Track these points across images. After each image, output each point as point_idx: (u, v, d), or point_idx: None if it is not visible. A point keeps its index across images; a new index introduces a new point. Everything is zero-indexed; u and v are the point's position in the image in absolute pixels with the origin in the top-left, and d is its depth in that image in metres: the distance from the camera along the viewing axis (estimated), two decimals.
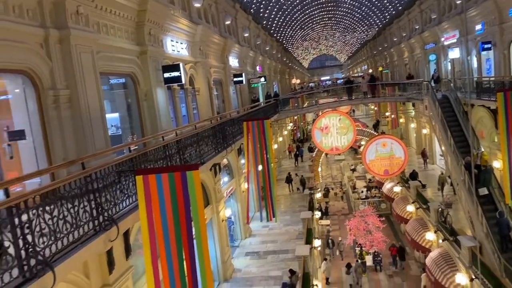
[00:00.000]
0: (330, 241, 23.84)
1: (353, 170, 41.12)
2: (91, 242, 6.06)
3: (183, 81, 15.35)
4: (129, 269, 8.81)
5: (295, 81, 75.93)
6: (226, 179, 20.46)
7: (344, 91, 34.04)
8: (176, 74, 14.62)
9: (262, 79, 33.57)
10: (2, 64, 7.88)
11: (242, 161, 21.69)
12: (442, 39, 31.02)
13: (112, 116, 13.63)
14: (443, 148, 21.41)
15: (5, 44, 7.75)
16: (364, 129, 38.04)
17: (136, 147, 10.98)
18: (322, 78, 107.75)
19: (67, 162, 6.97)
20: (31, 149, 8.86)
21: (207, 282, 7.12)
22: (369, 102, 41.55)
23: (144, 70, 13.55)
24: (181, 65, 14.95)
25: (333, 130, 25.18)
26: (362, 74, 67.63)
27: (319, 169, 36.50)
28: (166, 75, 14.58)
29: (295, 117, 46.16)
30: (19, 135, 8.62)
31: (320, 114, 29.96)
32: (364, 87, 31.42)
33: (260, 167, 14.58)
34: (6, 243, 4.51)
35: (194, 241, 7.13)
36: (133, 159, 7.99)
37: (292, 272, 15.67)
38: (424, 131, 34.07)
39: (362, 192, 33.25)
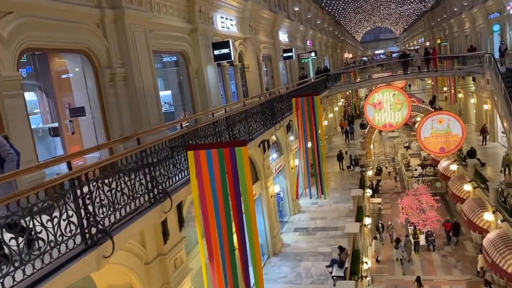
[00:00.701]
0: (380, 224, 23.43)
1: (407, 147, 39.80)
2: (147, 213, 6.39)
3: (233, 58, 15.44)
4: (182, 239, 9.18)
5: (347, 55, 73.80)
6: (275, 155, 20.57)
7: (399, 65, 32.70)
8: (225, 51, 14.72)
9: (313, 54, 32.95)
10: (64, 44, 8.33)
11: (291, 137, 21.66)
12: (508, 7, 28.75)
13: (165, 94, 14.05)
14: (505, 124, 20.14)
15: (65, 25, 8.16)
16: (419, 105, 36.49)
17: (188, 123, 11.28)
18: (376, 52, 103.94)
19: (124, 137, 7.32)
20: (90, 125, 9.38)
21: (256, 254, 7.31)
22: (425, 77, 39.70)
23: (195, 48, 13.75)
24: (230, 41, 15.01)
25: (386, 106, 24.36)
26: (418, 47, 64.48)
27: (371, 146, 35.66)
28: (216, 52, 14.71)
29: (347, 93, 45.11)
30: (79, 111, 9.13)
31: (373, 89, 29.08)
32: (418, 61, 29.98)
33: (309, 144, 14.52)
34: (70, 212, 4.86)
35: (243, 215, 7.31)
36: (185, 135, 8.23)
37: (341, 248, 15.66)
38: (485, 106, 32.15)
39: (416, 170, 32.22)
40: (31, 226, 4.33)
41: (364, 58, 76.65)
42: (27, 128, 7.27)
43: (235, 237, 7.39)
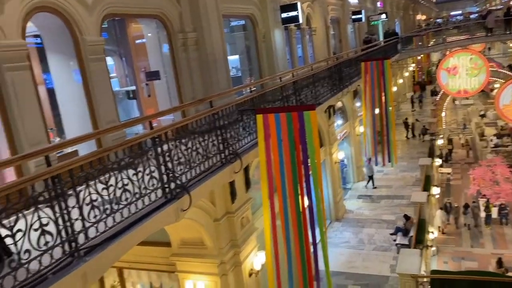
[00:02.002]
0: (448, 204, 22.44)
1: (483, 116, 37.33)
2: (219, 173, 6.73)
3: (300, 21, 15.19)
4: (248, 200, 9.56)
5: (420, 17, 69.37)
6: (340, 122, 20.30)
7: (478, 27, 30.30)
8: (293, 13, 14.52)
9: (383, 16, 31.38)
10: (140, 10, 8.71)
11: (358, 104, 21.16)
12: None
13: (232, 58, 14.25)
14: None
15: None
16: (499, 70, 33.81)
17: (255, 88, 11.44)
18: (452, 13, 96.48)
19: (198, 100, 7.63)
20: (164, 88, 9.84)
21: (322, 216, 7.46)
22: (507, 39, 36.47)
23: (263, 11, 13.69)
24: (298, 4, 14.74)
25: (462, 71, 22.86)
26: (501, 6, 58.92)
27: (443, 114, 33.88)
28: (284, 15, 14.55)
29: (418, 58, 42.74)
30: (154, 75, 9.59)
31: (447, 53, 27.33)
32: (491, 22, 27.41)
33: (377, 110, 14.15)
34: (152, 168, 5.27)
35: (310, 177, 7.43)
36: (253, 99, 8.40)
37: (406, 217, 15.42)
38: None
39: (492, 140, 30.28)
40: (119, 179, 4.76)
41: (438, 20, 71.66)
42: (109, 90, 7.81)
43: (300, 199, 7.56)
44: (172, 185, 5.54)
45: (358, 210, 18.13)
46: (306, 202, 7.46)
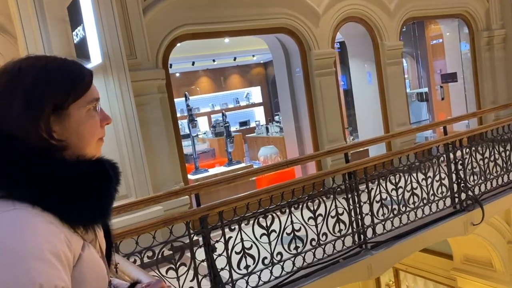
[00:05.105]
0: None
1: None
2: None
3: None
4: None
5: None
6: None
7: None
8: None
9: None
10: (441, 11, 8.45)
11: None
12: None
13: None
14: None
15: None
16: None
17: None
18: None
19: (502, 105, 6.84)
20: (460, 91, 9.22)
21: None
22: None
23: None
24: None
25: None
26: None
27: None
28: None
29: None
30: (451, 77, 9.11)
31: None
32: None
33: None
34: (443, 175, 5.09)
35: None
36: None
37: None
38: None
39: None
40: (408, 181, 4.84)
41: None
42: (403, 93, 7.93)
43: None
44: (463, 196, 5.20)
45: None
46: None
